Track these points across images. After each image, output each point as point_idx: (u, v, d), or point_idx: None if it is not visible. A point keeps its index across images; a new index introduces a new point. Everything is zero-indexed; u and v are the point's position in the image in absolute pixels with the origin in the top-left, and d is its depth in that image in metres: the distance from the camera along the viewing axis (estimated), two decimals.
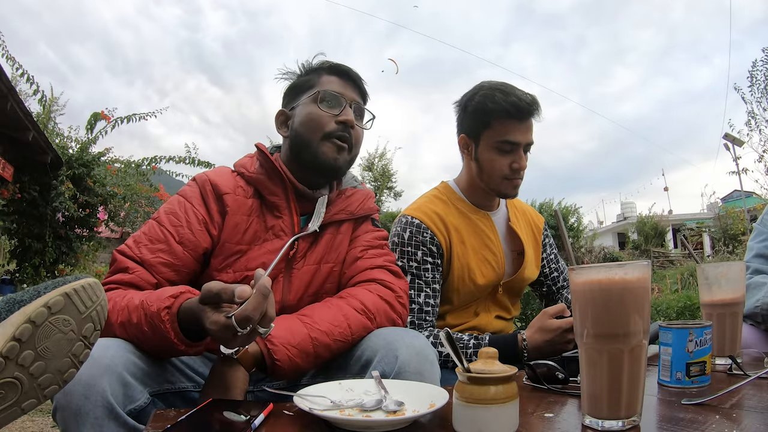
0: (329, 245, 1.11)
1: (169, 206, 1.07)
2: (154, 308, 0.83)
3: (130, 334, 0.86)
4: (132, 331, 0.86)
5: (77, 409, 0.73)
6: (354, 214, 1.15)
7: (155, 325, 0.82)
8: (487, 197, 1.47)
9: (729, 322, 1.01)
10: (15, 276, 6.63)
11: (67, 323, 0.61)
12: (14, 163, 5.93)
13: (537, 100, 1.35)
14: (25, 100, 5.77)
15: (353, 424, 0.65)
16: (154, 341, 0.84)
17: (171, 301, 0.83)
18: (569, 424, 0.68)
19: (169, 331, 0.81)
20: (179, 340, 0.81)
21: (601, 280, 0.65)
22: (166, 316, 0.82)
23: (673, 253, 18.87)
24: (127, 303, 0.88)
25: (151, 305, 0.84)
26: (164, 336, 0.81)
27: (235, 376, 0.84)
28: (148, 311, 0.83)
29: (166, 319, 0.81)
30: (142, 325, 0.84)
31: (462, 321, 1.42)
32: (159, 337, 0.82)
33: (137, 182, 7.61)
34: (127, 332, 0.86)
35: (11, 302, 0.59)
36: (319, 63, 1.18)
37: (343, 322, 0.93)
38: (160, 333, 0.82)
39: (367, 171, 17.14)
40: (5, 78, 4.47)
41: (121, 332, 0.87)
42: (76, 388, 0.73)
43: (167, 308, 0.82)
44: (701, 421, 0.65)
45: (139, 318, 0.84)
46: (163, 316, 0.81)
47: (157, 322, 0.81)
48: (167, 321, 0.81)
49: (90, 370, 0.74)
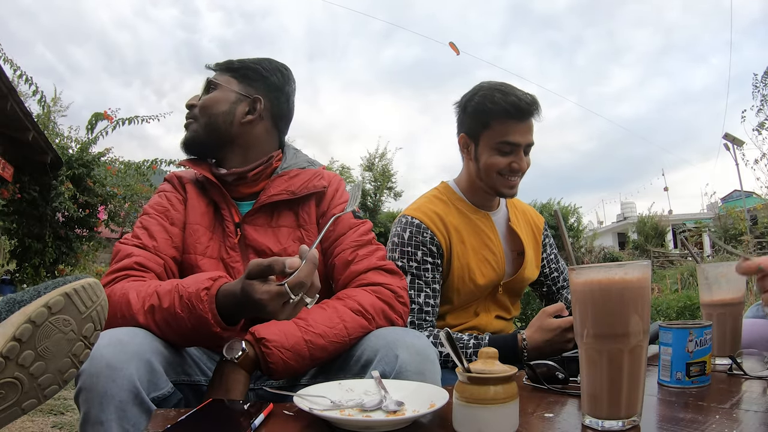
0: (290, 226, 1.13)
1: (150, 202, 1.16)
2: (192, 289, 0.84)
3: (158, 319, 0.86)
4: (160, 316, 0.86)
5: (103, 391, 0.73)
6: (295, 193, 1.13)
7: (192, 306, 0.83)
8: (487, 197, 1.46)
9: (729, 322, 1.01)
10: (15, 276, 6.63)
11: (67, 323, 0.61)
12: (14, 163, 5.93)
13: (537, 100, 1.35)
14: (25, 100, 5.77)
15: (353, 424, 0.65)
16: (187, 325, 0.84)
17: (210, 283, 0.85)
18: (569, 424, 0.68)
19: (207, 312, 0.82)
20: (216, 322, 0.82)
21: (601, 280, 0.65)
22: (205, 296, 0.83)
23: (673, 253, 18.87)
24: (156, 288, 0.89)
25: (188, 287, 0.85)
26: (201, 317, 0.82)
27: (235, 379, 0.85)
28: (185, 293, 0.84)
29: (205, 299, 0.82)
30: (175, 308, 0.85)
31: (462, 321, 1.42)
32: (195, 320, 0.83)
33: (137, 182, 7.62)
34: (153, 318, 0.87)
35: (11, 302, 0.59)
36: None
37: (339, 323, 0.93)
38: (196, 315, 0.82)
39: (367, 171, 17.15)
40: (5, 78, 4.47)
41: (146, 319, 0.87)
42: (103, 371, 0.74)
43: (206, 289, 0.84)
44: (701, 421, 0.65)
45: (172, 301, 0.85)
46: (203, 296, 0.82)
47: (195, 302, 0.82)
48: (206, 301, 0.82)
49: (118, 355, 0.75)
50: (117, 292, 0.92)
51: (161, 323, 0.86)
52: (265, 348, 0.87)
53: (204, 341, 0.90)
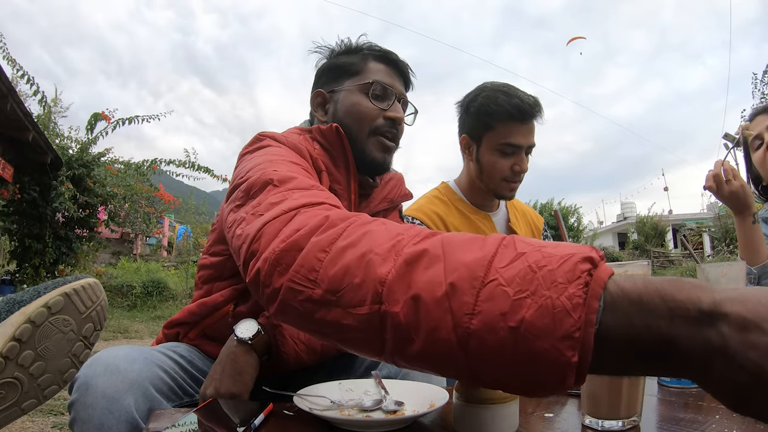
0: None
1: (266, 155, 0.83)
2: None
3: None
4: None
5: (100, 423, 0.70)
6: (393, 201, 1.10)
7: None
8: (488, 198, 1.47)
9: None
10: (15, 276, 6.64)
11: (67, 323, 0.61)
12: (14, 163, 5.94)
13: (539, 102, 1.35)
14: (25, 101, 5.78)
15: (353, 424, 0.65)
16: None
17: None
18: (569, 424, 0.68)
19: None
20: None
21: None
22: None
23: (673, 253, 18.87)
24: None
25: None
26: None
27: (247, 361, 0.81)
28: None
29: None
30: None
31: None
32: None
33: (137, 182, 7.63)
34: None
35: (11, 302, 0.59)
36: (365, 44, 1.08)
37: None
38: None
39: None
40: (5, 78, 4.48)
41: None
42: (99, 402, 0.70)
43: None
44: (701, 421, 0.64)
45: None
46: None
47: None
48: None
49: (115, 384, 0.71)
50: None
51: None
52: (280, 336, 0.84)
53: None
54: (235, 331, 0.83)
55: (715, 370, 0.35)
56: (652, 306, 0.37)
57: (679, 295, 0.36)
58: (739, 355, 0.34)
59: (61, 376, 0.62)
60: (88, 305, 0.63)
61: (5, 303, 0.59)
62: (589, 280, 0.38)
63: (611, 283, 0.39)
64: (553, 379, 0.38)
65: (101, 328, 0.66)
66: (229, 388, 0.79)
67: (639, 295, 0.37)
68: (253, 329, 0.83)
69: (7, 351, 0.56)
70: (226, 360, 0.82)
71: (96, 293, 0.64)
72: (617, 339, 0.37)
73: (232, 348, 0.83)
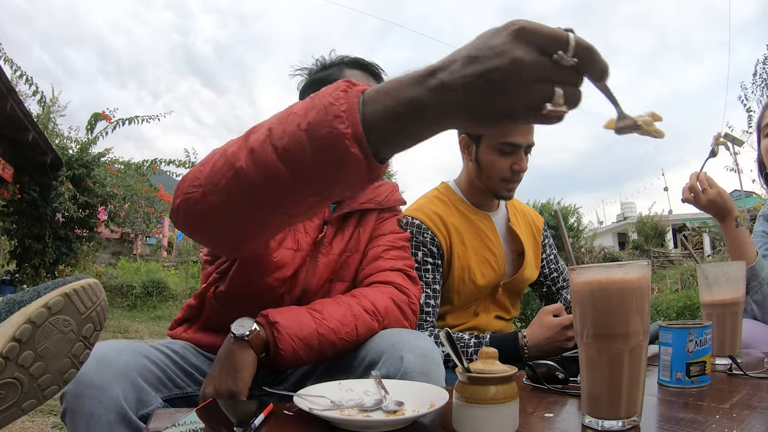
0: (351, 236, 1.11)
1: None
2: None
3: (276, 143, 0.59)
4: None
5: (89, 413, 0.72)
6: (381, 204, 1.15)
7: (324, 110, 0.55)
8: (487, 198, 1.47)
9: (729, 322, 1.01)
10: (15, 276, 6.64)
11: (67, 323, 0.61)
12: (14, 163, 5.94)
13: None
14: (25, 101, 5.78)
15: (353, 424, 0.65)
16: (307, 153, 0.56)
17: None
18: (569, 424, 0.68)
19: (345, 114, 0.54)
20: (354, 132, 0.53)
21: (601, 280, 0.65)
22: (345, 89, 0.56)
23: (673, 253, 18.86)
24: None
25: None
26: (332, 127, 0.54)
27: (244, 358, 0.82)
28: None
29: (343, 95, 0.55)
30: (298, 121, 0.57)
31: (462, 321, 1.42)
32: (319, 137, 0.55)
33: (137, 182, 7.63)
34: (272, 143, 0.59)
35: (11, 303, 0.59)
36: (339, 57, 1.17)
37: (352, 321, 0.92)
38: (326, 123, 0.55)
39: None
40: (5, 79, 4.48)
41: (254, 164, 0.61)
42: (89, 392, 0.72)
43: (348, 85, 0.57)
44: (701, 421, 0.64)
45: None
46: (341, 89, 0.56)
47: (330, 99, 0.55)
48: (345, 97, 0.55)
49: (104, 374, 0.73)
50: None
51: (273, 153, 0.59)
52: (277, 333, 0.85)
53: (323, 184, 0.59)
54: (232, 328, 0.84)
55: (446, 104, 0.50)
56: (392, 86, 0.53)
57: (408, 75, 0.52)
58: (456, 78, 0.48)
59: (61, 377, 0.62)
60: (88, 305, 0.63)
61: (5, 303, 0.59)
62: (347, 88, 0.55)
63: (368, 90, 0.55)
64: (344, 151, 0.53)
65: (101, 328, 0.66)
66: (228, 385, 0.80)
67: (386, 88, 0.53)
68: (249, 326, 0.85)
69: (7, 351, 0.56)
70: (224, 358, 0.83)
71: (96, 293, 0.64)
72: (387, 116, 0.53)
73: (229, 346, 0.84)
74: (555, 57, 0.46)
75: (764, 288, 1.29)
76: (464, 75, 0.48)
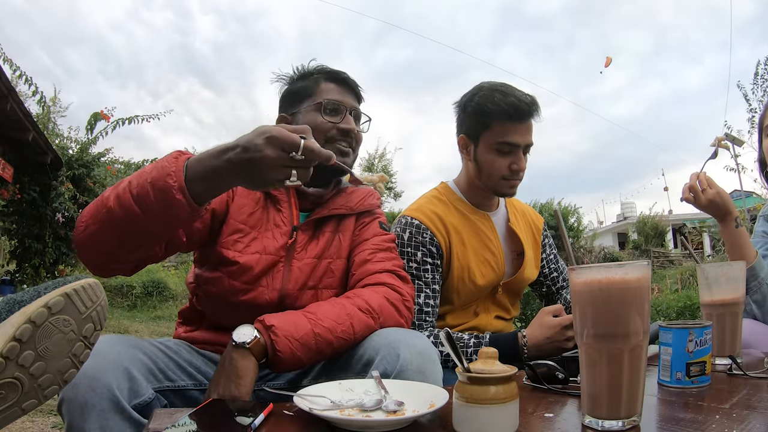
0: (329, 241, 1.13)
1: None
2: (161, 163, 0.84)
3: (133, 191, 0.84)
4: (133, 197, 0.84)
5: (83, 401, 0.74)
6: (353, 209, 1.18)
7: (160, 169, 0.81)
8: (487, 198, 1.47)
9: (729, 322, 1.02)
10: (15, 276, 6.64)
11: (68, 323, 0.61)
12: (14, 163, 5.94)
13: (536, 101, 1.35)
14: (25, 101, 5.78)
15: (353, 424, 0.65)
16: (151, 199, 0.82)
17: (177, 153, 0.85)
18: (569, 424, 0.68)
19: (174, 173, 0.80)
20: (179, 186, 0.80)
21: (601, 280, 0.65)
22: (175, 158, 0.83)
23: (673, 253, 18.86)
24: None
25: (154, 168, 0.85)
26: (165, 183, 0.80)
27: (246, 365, 0.85)
28: (155, 168, 0.84)
29: (173, 161, 0.82)
30: (144, 177, 0.83)
31: (462, 321, 1.42)
32: (159, 188, 0.81)
33: None
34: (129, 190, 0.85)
35: (11, 302, 0.59)
36: (316, 68, 1.21)
37: (347, 320, 0.94)
38: (162, 179, 0.80)
39: (367, 171, 17.15)
40: (5, 79, 4.48)
41: (117, 204, 0.85)
42: (82, 381, 0.75)
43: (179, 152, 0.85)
44: (701, 421, 0.65)
45: (141, 183, 0.83)
46: (173, 157, 0.83)
47: (164, 163, 0.82)
48: (174, 163, 0.82)
49: (96, 364, 0.76)
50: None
51: (129, 207, 0.83)
52: (274, 335, 0.87)
53: (176, 220, 0.85)
54: (233, 336, 0.87)
55: (231, 171, 0.79)
56: (204, 157, 0.81)
57: (213, 149, 0.81)
58: (235, 158, 0.78)
59: (61, 376, 0.62)
60: (89, 305, 0.63)
61: (5, 303, 0.59)
62: (178, 155, 0.83)
63: (191, 158, 0.83)
64: (172, 197, 0.80)
65: (101, 328, 0.66)
66: (231, 391, 0.83)
67: (199, 158, 0.82)
68: (250, 334, 0.87)
69: (7, 351, 0.56)
70: (227, 366, 0.85)
71: (96, 293, 0.64)
72: (198, 175, 0.80)
73: (231, 353, 0.86)
74: (291, 154, 0.76)
75: (764, 288, 1.29)
76: (240, 157, 0.77)
